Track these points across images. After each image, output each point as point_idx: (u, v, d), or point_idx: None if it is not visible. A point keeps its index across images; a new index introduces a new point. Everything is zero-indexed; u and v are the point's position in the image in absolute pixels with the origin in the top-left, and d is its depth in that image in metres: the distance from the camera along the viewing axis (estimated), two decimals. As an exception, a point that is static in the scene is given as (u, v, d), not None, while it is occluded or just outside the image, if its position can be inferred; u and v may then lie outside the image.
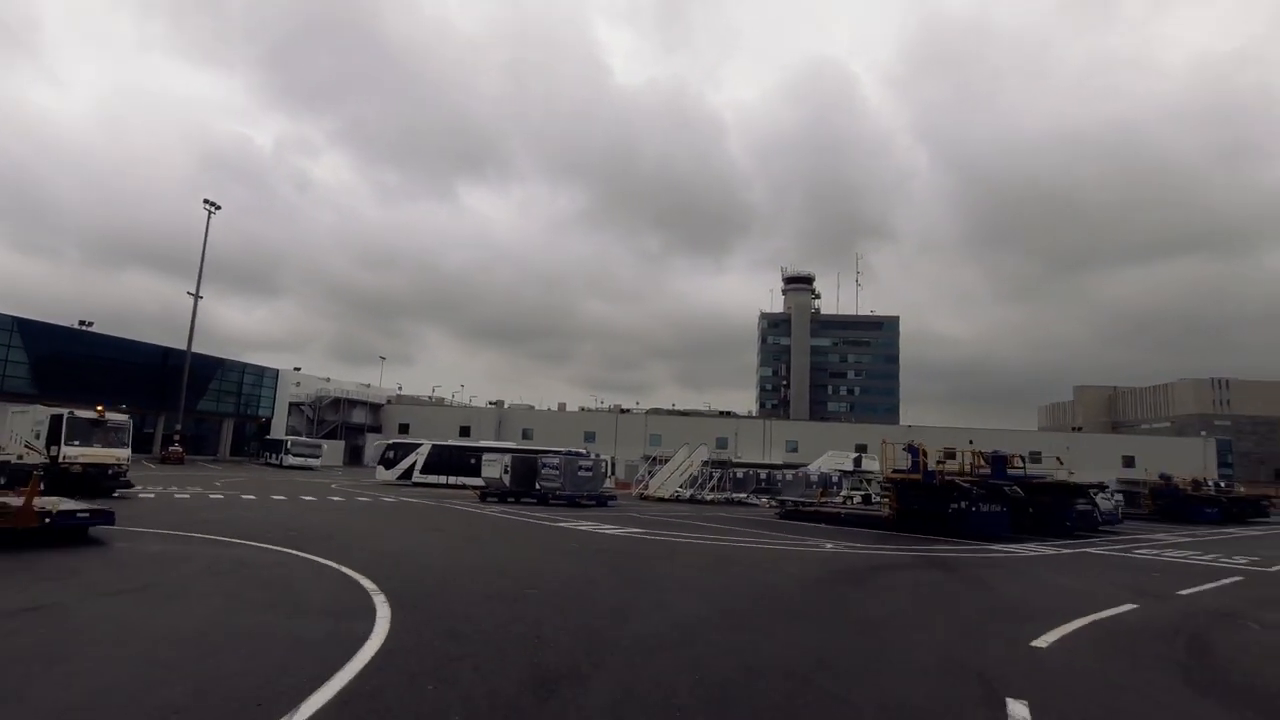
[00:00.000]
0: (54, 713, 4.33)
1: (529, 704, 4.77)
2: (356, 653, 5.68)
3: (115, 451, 22.03)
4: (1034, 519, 23.10)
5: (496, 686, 5.09)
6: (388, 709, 4.50)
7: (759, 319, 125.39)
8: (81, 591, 7.91)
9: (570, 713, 4.65)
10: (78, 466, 20.87)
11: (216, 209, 57.76)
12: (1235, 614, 9.99)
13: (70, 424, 21.42)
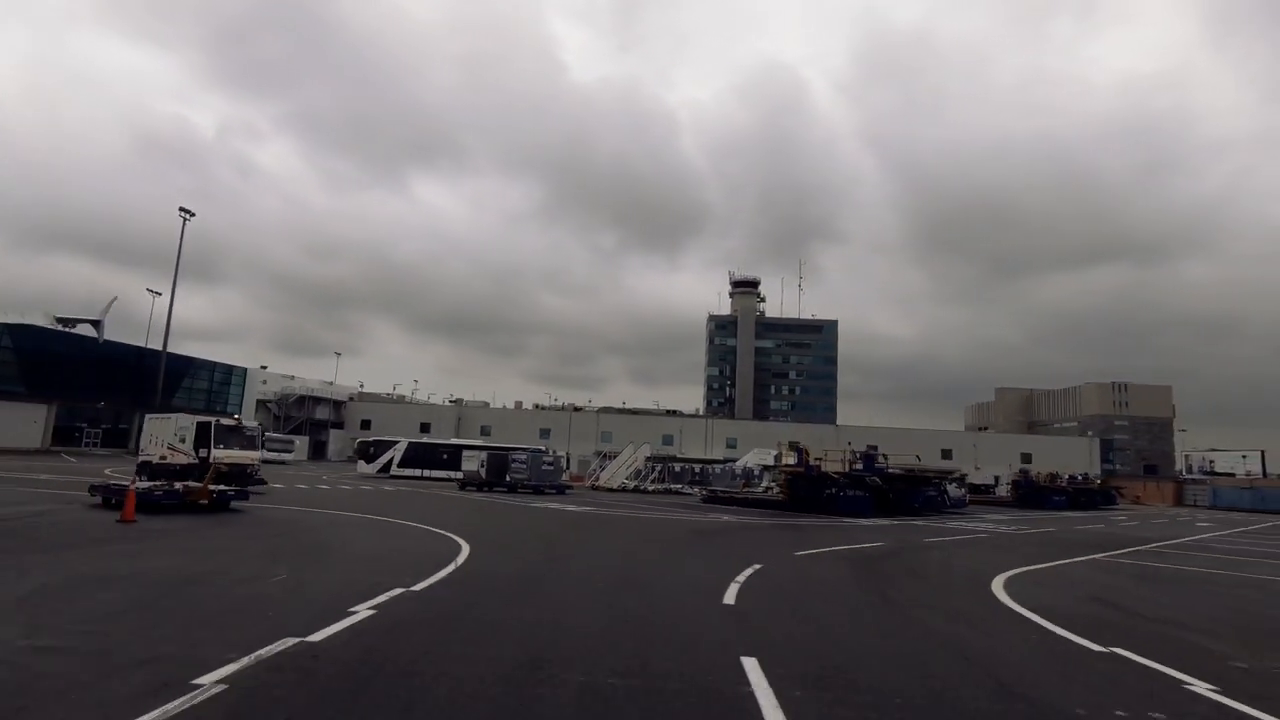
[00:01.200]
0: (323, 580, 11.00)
1: (547, 568, 11.67)
2: (459, 555, 12.39)
3: (251, 453, 26.27)
4: (892, 502, 31.00)
5: (528, 562, 11.97)
6: (481, 571, 11.30)
7: (707, 320, 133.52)
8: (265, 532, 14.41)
9: (566, 569, 11.57)
10: (224, 466, 24.49)
11: (191, 215, 61.64)
12: (936, 549, 17.57)
13: (217, 430, 25.31)
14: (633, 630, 7.38)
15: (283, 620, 6.74)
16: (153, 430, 27.94)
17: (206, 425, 25.39)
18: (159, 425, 27.82)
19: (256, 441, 27.42)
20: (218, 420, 26.01)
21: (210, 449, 24.42)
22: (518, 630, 7.01)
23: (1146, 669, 6.69)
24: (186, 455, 25.04)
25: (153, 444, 27.13)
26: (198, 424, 25.81)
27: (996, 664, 6.70)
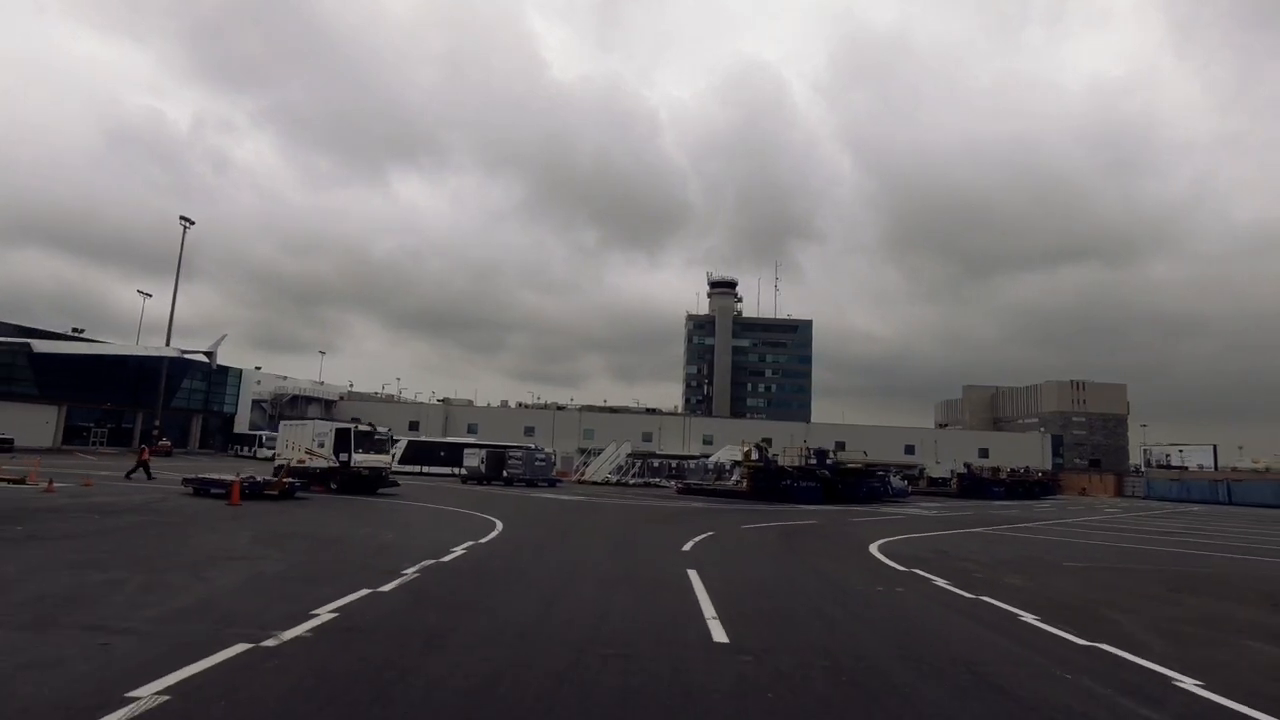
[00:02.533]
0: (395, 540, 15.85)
1: (562, 533, 16.64)
2: (497, 526, 17.25)
3: (384, 457, 28.26)
4: (840, 492, 36.35)
5: (549, 529, 16.91)
6: (519, 534, 16.20)
7: (686, 320, 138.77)
8: (336, 513, 19.15)
9: (575, 533, 16.54)
10: (364, 469, 26.20)
11: (191, 224, 65.26)
12: (852, 525, 22.77)
13: (356, 436, 26.99)
14: (624, 560, 12.41)
15: (416, 555, 11.59)
16: (288, 436, 29.78)
17: (346, 431, 27.11)
18: (295, 431, 29.56)
19: (387, 446, 29.23)
20: (355, 426, 27.62)
21: (350, 454, 26.27)
22: (557, 559, 12.00)
23: (923, 577, 11.83)
24: (327, 459, 26.69)
25: (289, 448, 28.77)
26: (337, 430, 27.47)
27: (839, 577, 11.83)
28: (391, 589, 8.66)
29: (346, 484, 25.89)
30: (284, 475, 22.00)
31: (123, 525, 14.03)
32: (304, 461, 27.19)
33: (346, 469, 25.92)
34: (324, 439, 27.13)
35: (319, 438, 27.40)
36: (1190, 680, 6.07)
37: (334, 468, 26.23)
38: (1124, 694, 5.66)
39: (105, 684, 4.73)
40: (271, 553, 11.39)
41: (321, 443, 27.09)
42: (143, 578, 8.72)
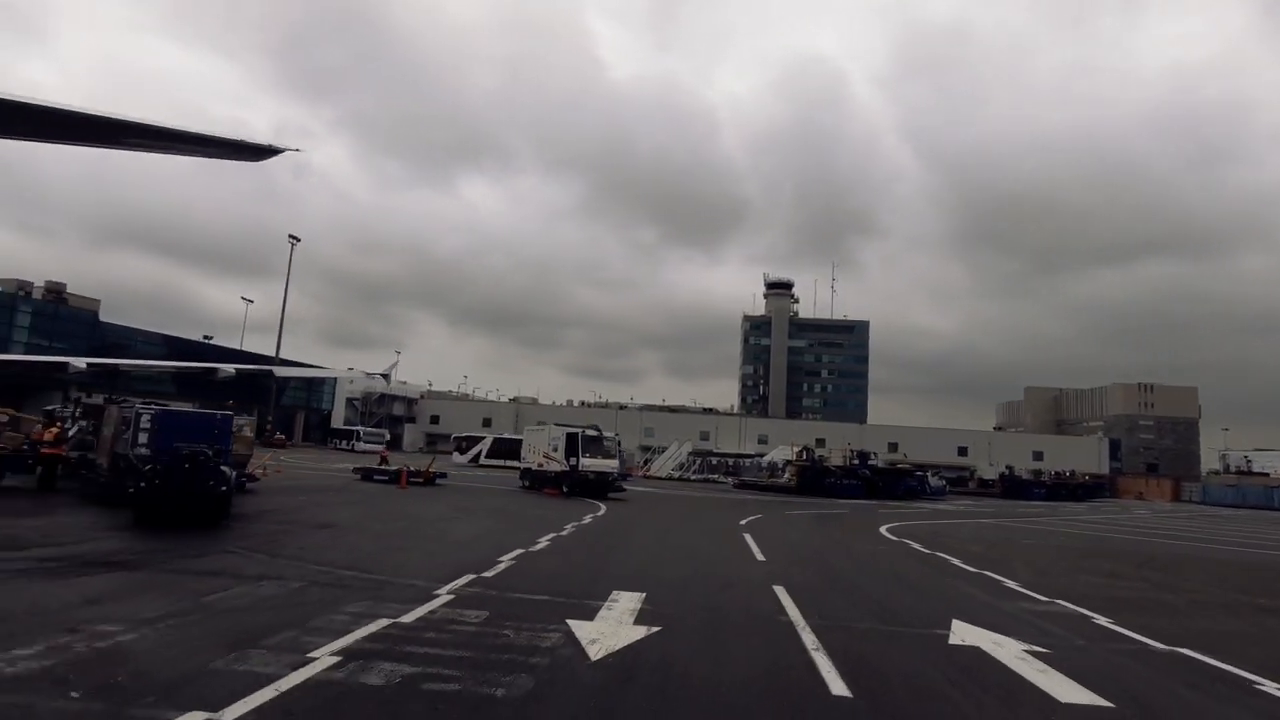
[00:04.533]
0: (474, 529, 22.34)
1: (647, 513, 22.84)
2: (600, 508, 23.55)
3: (611, 462, 28.40)
4: (880, 489, 41.50)
5: (636, 510, 23.13)
6: (617, 514, 22.43)
7: (742, 320, 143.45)
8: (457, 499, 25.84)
9: (656, 514, 22.69)
10: (591, 474, 26.35)
11: (297, 241, 74.49)
12: (876, 514, 28.18)
13: (583, 441, 27.43)
14: (700, 525, 18.63)
15: (561, 521, 17.87)
16: (531, 440, 31.05)
17: (574, 436, 27.64)
18: (536, 435, 30.46)
19: (613, 450, 29.41)
20: (583, 431, 28.11)
21: (579, 458, 26.94)
22: (654, 524, 18.23)
23: (906, 543, 17.46)
24: (560, 463, 27.68)
25: (532, 452, 30.27)
26: (567, 435, 28.00)
27: (845, 539, 17.64)
28: (566, 534, 15.03)
29: (575, 488, 26.65)
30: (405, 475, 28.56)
31: (354, 499, 20.90)
32: (542, 465, 28.73)
33: (574, 473, 26.71)
34: (557, 444, 28.07)
35: (553, 442, 28.43)
36: (1029, 591, 11.62)
37: (564, 471, 27.18)
38: (985, 593, 11.35)
39: (484, 562, 11.11)
40: (472, 516, 17.96)
41: (555, 447, 28.02)
42: (410, 525, 15.30)
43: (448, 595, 8.30)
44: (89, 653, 5.46)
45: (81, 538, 10.89)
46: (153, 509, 12.72)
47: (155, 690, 4.73)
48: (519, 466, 56.77)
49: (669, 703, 5.22)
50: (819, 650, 6.78)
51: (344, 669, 5.42)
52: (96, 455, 17.52)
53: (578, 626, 7.14)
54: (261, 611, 7.12)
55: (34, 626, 6.02)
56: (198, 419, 16.17)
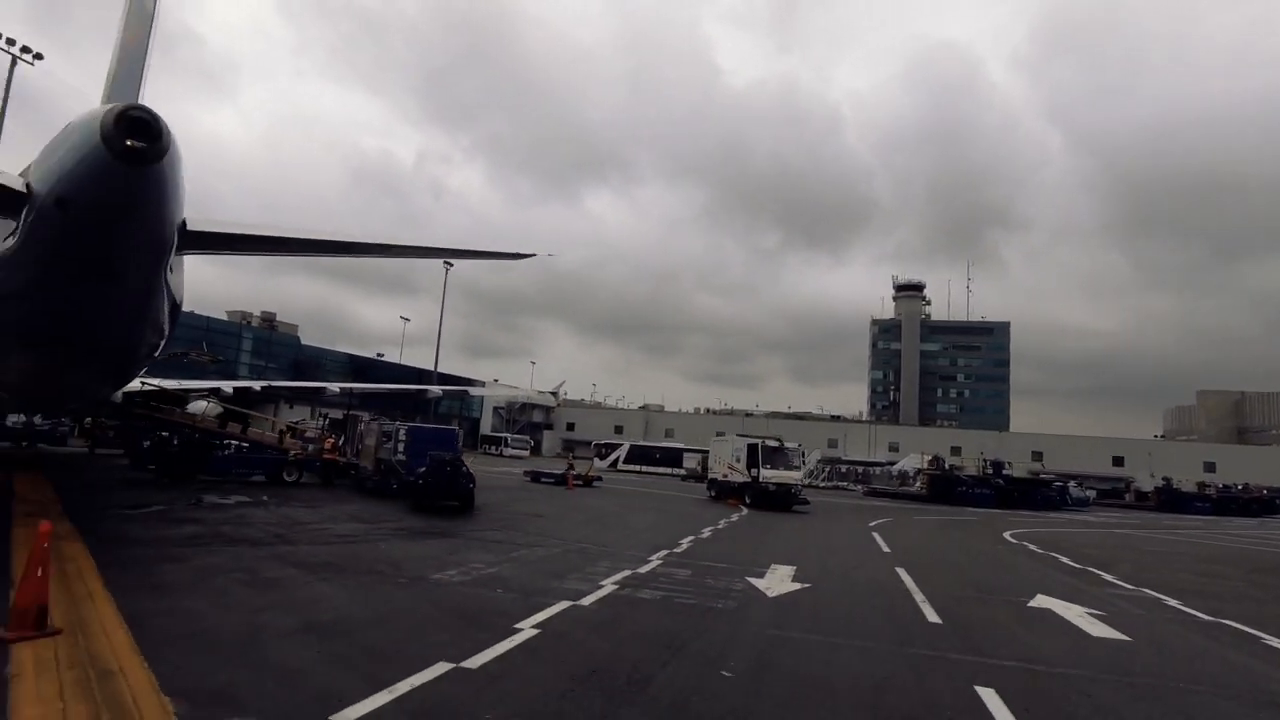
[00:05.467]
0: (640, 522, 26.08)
1: (788, 516, 26.00)
2: (742, 510, 26.97)
3: (793, 474, 27.30)
4: (1016, 499, 41.82)
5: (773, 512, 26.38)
6: (758, 513, 25.75)
7: (870, 325, 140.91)
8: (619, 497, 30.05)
9: (795, 515, 25.80)
10: (772, 485, 25.45)
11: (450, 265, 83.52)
12: (1002, 522, 29.54)
13: (763, 451, 26.92)
14: (835, 526, 21.52)
15: (716, 517, 21.51)
16: (716, 451, 31.43)
17: (754, 447, 27.47)
18: (720, 446, 30.85)
19: (796, 461, 28.80)
20: (763, 441, 27.72)
21: (759, 469, 26.79)
22: (788, 526, 21.39)
23: (1025, 546, 19.58)
24: (742, 474, 27.76)
25: (718, 463, 30.64)
26: (747, 445, 27.90)
27: (964, 540, 20.02)
28: (721, 527, 18.72)
29: (757, 499, 26.41)
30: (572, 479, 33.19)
31: (539, 496, 25.66)
32: (727, 476, 28.93)
33: (755, 484, 26.52)
34: (739, 454, 28.13)
35: (736, 453, 28.51)
36: (1121, 581, 13.84)
37: (746, 483, 27.21)
38: (1079, 581, 13.79)
39: (670, 542, 15.00)
40: (638, 512, 22.05)
41: (738, 458, 28.12)
42: (596, 517, 19.51)
43: (658, 560, 12.20)
44: (484, 575, 9.78)
45: (396, 519, 15.83)
46: (424, 501, 17.74)
47: (534, 591, 8.88)
48: (654, 471, 61.34)
49: (820, 619, 8.72)
50: (924, 602, 9.98)
51: (622, 590, 9.38)
52: (360, 459, 23.32)
53: (754, 580, 10.80)
54: (552, 562, 11.34)
55: (440, 564, 10.50)
56: (436, 432, 21.43)
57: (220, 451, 21.53)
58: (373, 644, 6.30)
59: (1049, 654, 7.60)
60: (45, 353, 11.65)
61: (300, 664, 5.64)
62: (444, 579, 9.42)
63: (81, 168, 7.28)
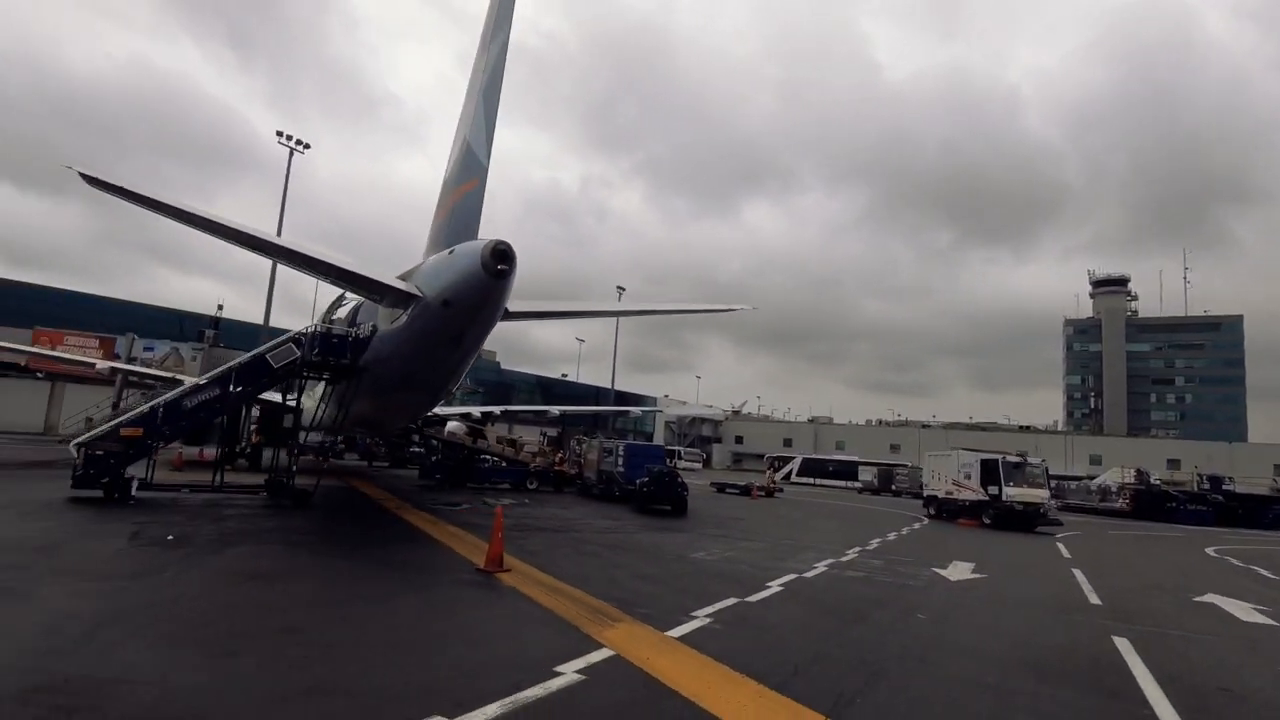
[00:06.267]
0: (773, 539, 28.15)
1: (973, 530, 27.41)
2: (923, 521, 28.60)
3: (1039, 492, 25.65)
4: (1240, 516, 38.70)
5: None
6: (934, 526, 27.34)
7: (1064, 325, 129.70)
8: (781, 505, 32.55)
9: (974, 529, 27.17)
10: (1019, 504, 24.30)
11: (623, 290, 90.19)
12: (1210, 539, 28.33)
13: (1004, 467, 25.43)
14: (1012, 535, 22.88)
15: (897, 523, 23.71)
16: (935, 467, 30.01)
17: (992, 463, 25.95)
18: (941, 462, 29.47)
19: (1042, 479, 27.03)
20: (1003, 457, 26.30)
21: (1001, 486, 25.30)
22: (971, 534, 23.05)
23: (1224, 560, 19.83)
24: (974, 491, 26.33)
25: (936, 479, 29.35)
26: (983, 462, 26.43)
27: (1155, 553, 20.64)
28: (904, 533, 21.05)
29: (1001, 519, 25.19)
30: (771, 483, 36.40)
31: (729, 504, 29.14)
32: (951, 493, 27.79)
33: (998, 502, 25.37)
34: (970, 470, 27.01)
35: (964, 469, 27.33)
36: None
37: (984, 501, 25.98)
38: (1266, 588, 14.79)
39: (861, 541, 17.81)
40: (823, 518, 24.81)
41: (968, 474, 26.98)
42: (786, 521, 22.56)
43: (853, 554, 15.18)
44: (724, 556, 13.42)
45: (631, 518, 20.01)
46: (645, 504, 21.91)
47: (766, 567, 12.34)
48: (828, 484, 62.58)
49: (992, 596, 11.34)
50: (1091, 591, 12.15)
51: (831, 570, 12.57)
52: (584, 470, 28.22)
53: (937, 569, 13.50)
54: (770, 551, 14.75)
55: (688, 548, 14.31)
56: (647, 448, 25.77)
57: (482, 464, 27.37)
58: (685, 587, 10.10)
59: (1191, 627, 9.73)
60: (409, 393, 17.07)
61: (650, 592, 9.51)
62: (699, 558, 13.17)
63: (465, 280, 11.92)
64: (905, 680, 6.37)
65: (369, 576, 9.55)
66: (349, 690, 5.20)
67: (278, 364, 16.08)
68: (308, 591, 8.45)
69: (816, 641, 7.56)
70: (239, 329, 52.25)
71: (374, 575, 9.67)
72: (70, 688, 4.83)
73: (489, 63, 15.35)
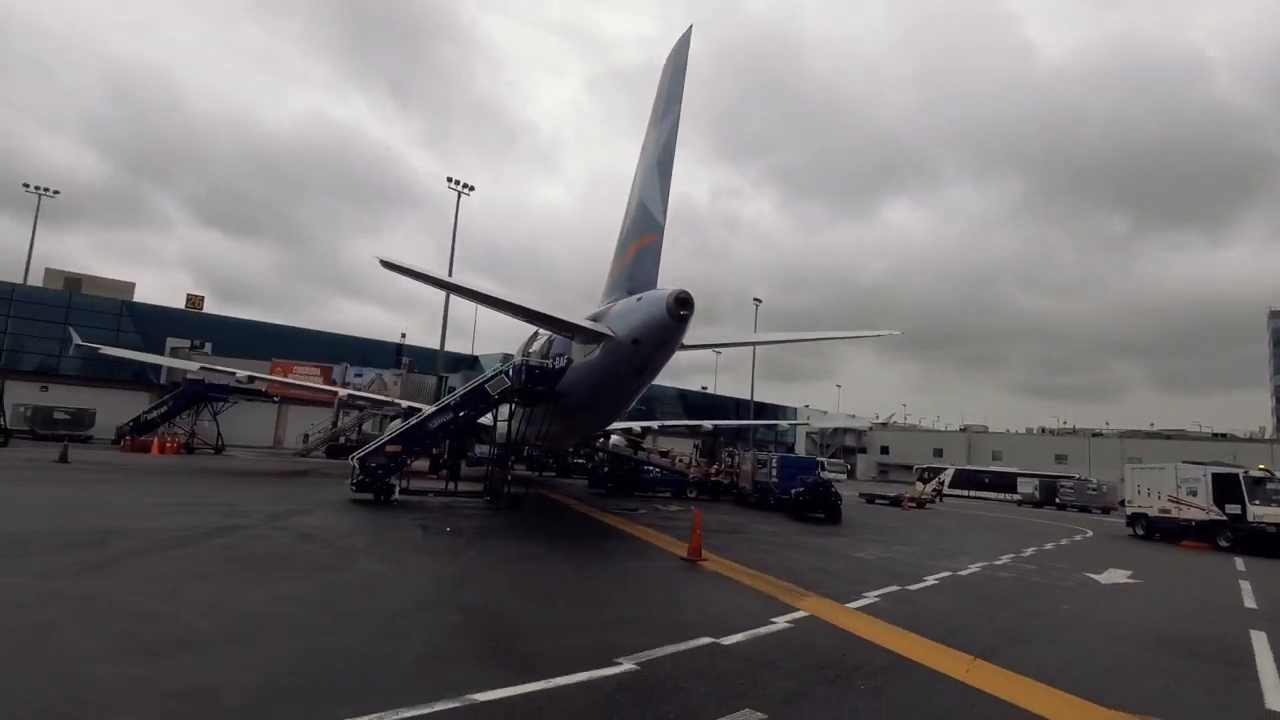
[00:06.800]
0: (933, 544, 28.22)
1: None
2: (1086, 533, 28.30)
3: None
4: None
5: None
6: (1095, 539, 27.04)
7: (1269, 317, 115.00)
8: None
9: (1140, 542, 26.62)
10: (1271, 526, 22.20)
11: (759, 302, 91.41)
12: None
13: (1246, 483, 23.17)
14: (1185, 549, 22.56)
15: (1046, 539, 24.04)
16: (1141, 480, 27.64)
17: (1230, 478, 23.88)
18: (1150, 476, 27.34)
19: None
20: (1244, 472, 24.08)
21: (1245, 505, 22.94)
22: (1136, 546, 22.98)
23: None
24: (1201, 509, 24.25)
25: (1143, 494, 27.13)
26: (1213, 476, 24.42)
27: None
28: (1064, 544, 21.59)
29: (1245, 542, 22.65)
30: (932, 491, 36.77)
31: (877, 514, 30.31)
32: (1168, 511, 25.56)
33: (1241, 523, 22.79)
34: (1194, 486, 24.77)
35: (1188, 485, 25.06)
36: None
37: (1218, 521, 23.57)
38: None
39: (1015, 549, 18.89)
40: (975, 529, 25.56)
41: (1192, 490, 24.76)
42: (937, 531, 23.64)
43: (1007, 559, 16.52)
44: (884, 556, 15.36)
45: (791, 524, 22.16)
46: (800, 512, 23.94)
47: (923, 566, 14.19)
48: (983, 496, 60.47)
49: (1140, 597, 12.55)
50: (1249, 597, 12.94)
51: (984, 570, 14.18)
52: (739, 481, 30.63)
53: (1090, 574, 14.70)
54: (924, 554, 16.46)
55: (850, 548, 16.36)
56: (800, 460, 27.82)
57: (647, 474, 30.55)
58: (852, 576, 12.31)
59: (1341, 628, 10.58)
60: (594, 414, 20.33)
61: (825, 579, 11.82)
62: (860, 556, 15.23)
63: (652, 322, 14.75)
64: (1040, 645, 8.31)
65: (601, 559, 12.61)
66: (636, 620, 8.07)
67: (494, 392, 19.88)
68: (567, 566, 11.59)
69: (967, 616, 9.57)
70: (417, 353, 59.73)
71: (604, 558, 12.73)
72: (485, 611, 8.03)
73: (661, 138, 18.27)
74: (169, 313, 53.62)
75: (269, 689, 5.18)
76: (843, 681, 6.28)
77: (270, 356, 50.03)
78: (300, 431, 50.71)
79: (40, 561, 8.90)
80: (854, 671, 6.61)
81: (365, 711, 4.75)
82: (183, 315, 54.05)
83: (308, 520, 14.45)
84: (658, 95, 19.34)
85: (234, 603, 7.55)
